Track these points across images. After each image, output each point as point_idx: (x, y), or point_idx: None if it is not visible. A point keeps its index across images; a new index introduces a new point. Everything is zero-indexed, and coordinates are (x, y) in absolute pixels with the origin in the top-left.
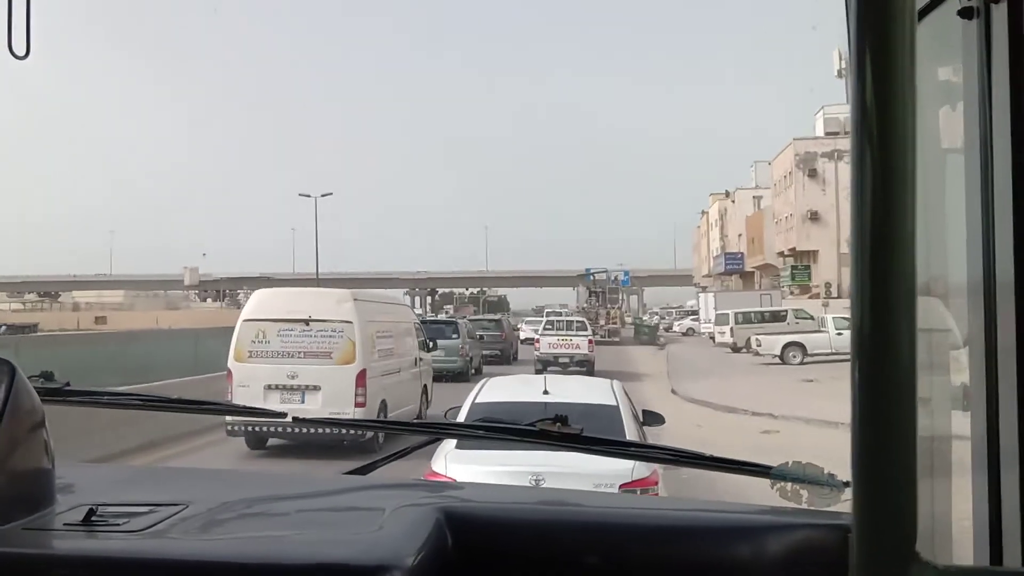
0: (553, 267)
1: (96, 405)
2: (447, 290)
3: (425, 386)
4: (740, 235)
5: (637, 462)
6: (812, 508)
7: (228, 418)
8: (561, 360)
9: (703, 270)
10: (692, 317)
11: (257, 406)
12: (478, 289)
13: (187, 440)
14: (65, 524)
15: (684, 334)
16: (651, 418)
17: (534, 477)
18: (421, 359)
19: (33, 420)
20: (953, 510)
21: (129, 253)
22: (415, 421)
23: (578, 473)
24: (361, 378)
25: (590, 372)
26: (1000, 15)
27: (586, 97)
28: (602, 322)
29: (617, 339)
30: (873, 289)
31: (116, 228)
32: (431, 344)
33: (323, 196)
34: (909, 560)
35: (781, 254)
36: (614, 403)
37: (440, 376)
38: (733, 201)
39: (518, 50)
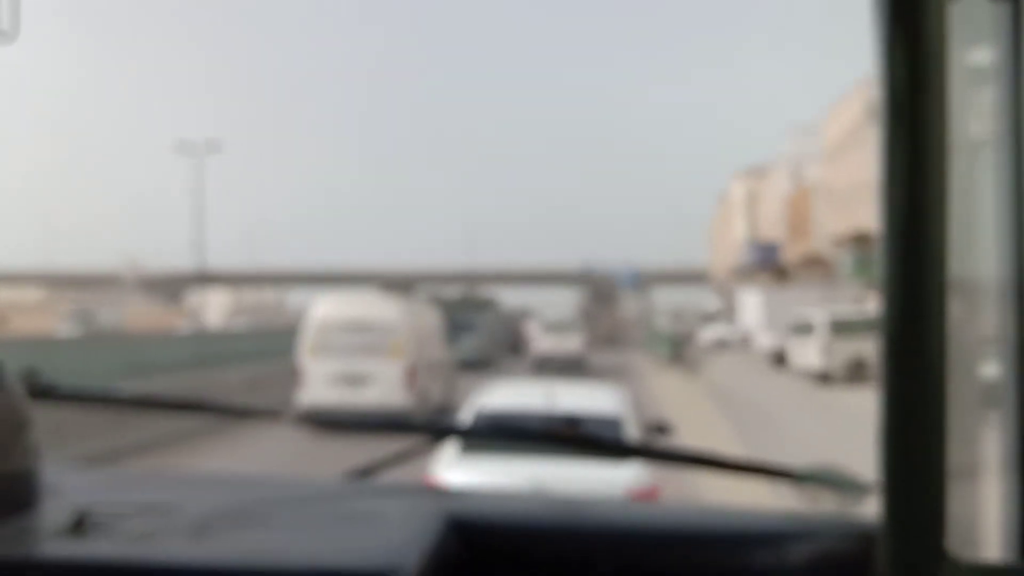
0: (548, 265)
1: (85, 404)
2: (429, 291)
3: (450, 379)
4: (776, 219)
5: (638, 473)
6: (834, 512)
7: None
8: (555, 356)
9: (723, 266)
10: (723, 323)
11: (320, 398)
12: (462, 288)
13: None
14: (51, 528)
15: (717, 346)
16: (659, 428)
17: (533, 486)
18: (447, 355)
19: (17, 418)
20: (981, 507)
21: (74, 246)
22: (425, 421)
23: (575, 483)
24: (409, 370)
25: (582, 366)
26: None
27: (578, 68)
28: (604, 322)
29: (614, 345)
30: (903, 284)
31: (54, 217)
32: (453, 341)
33: (208, 147)
34: (939, 558)
35: (841, 241)
36: (617, 413)
37: (462, 365)
38: (764, 179)
39: (499, 12)
